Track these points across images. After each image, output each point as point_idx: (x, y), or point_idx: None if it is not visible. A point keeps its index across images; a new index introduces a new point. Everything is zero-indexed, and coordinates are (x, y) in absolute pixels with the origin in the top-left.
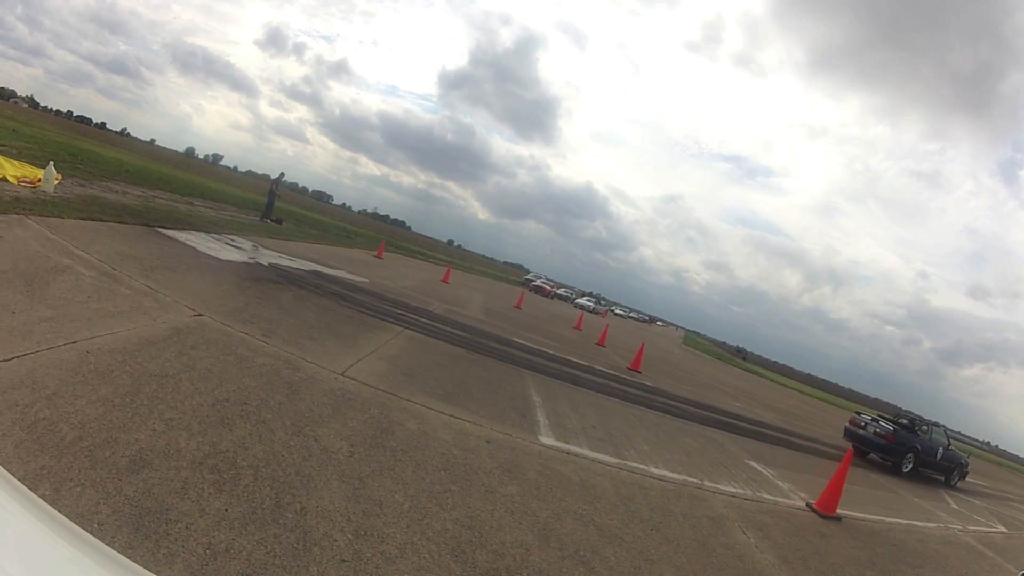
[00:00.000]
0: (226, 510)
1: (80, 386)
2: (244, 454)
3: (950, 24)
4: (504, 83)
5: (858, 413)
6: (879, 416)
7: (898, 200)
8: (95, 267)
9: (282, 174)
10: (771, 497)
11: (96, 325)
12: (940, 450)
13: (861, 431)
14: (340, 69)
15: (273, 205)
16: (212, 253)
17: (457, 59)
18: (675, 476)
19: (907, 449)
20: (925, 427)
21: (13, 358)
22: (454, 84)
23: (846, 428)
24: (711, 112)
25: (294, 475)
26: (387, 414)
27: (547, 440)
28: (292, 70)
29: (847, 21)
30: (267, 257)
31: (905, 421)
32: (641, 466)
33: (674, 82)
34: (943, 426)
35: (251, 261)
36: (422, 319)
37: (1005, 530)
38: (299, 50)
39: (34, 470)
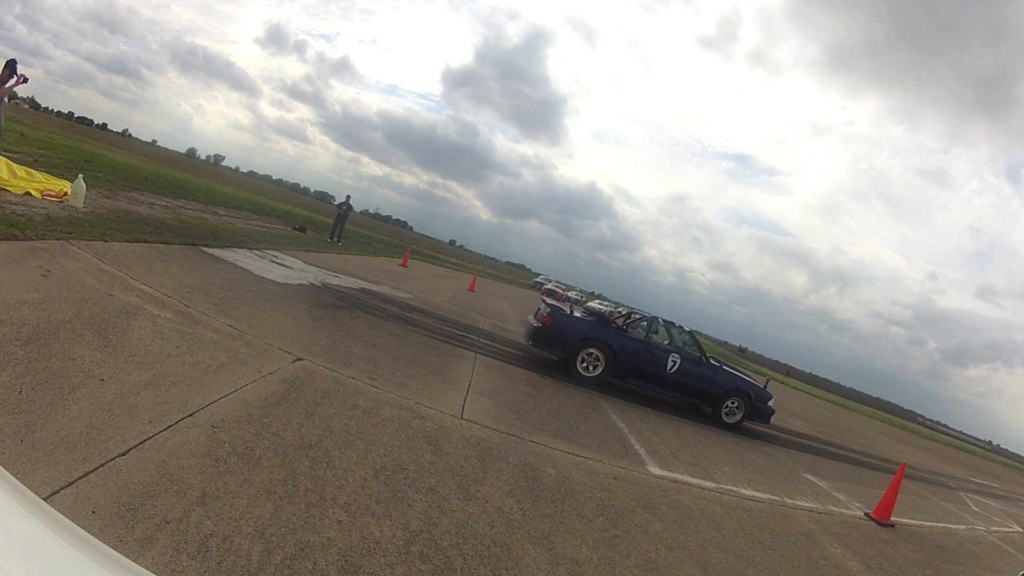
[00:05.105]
0: None
1: (230, 478)
2: (438, 532)
3: (970, 26)
4: (510, 81)
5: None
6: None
7: (902, 199)
8: (167, 305)
9: (348, 197)
10: (836, 509)
11: (204, 387)
12: (673, 359)
13: (531, 319)
14: (341, 68)
15: (338, 226)
16: (265, 275)
17: (462, 57)
18: (762, 496)
19: (580, 342)
20: (644, 322)
21: (131, 449)
22: (458, 82)
23: (528, 321)
24: (719, 111)
25: (492, 545)
26: (525, 460)
27: (655, 470)
28: (293, 69)
29: (865, 19)
30: (314, 275)
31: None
32: (734, 488)
33: (684, 80)
34: (687, 330)
35: (304, 282)
36: (482, 339)
37: (1021, 530)
38: (300, 48)
39: None
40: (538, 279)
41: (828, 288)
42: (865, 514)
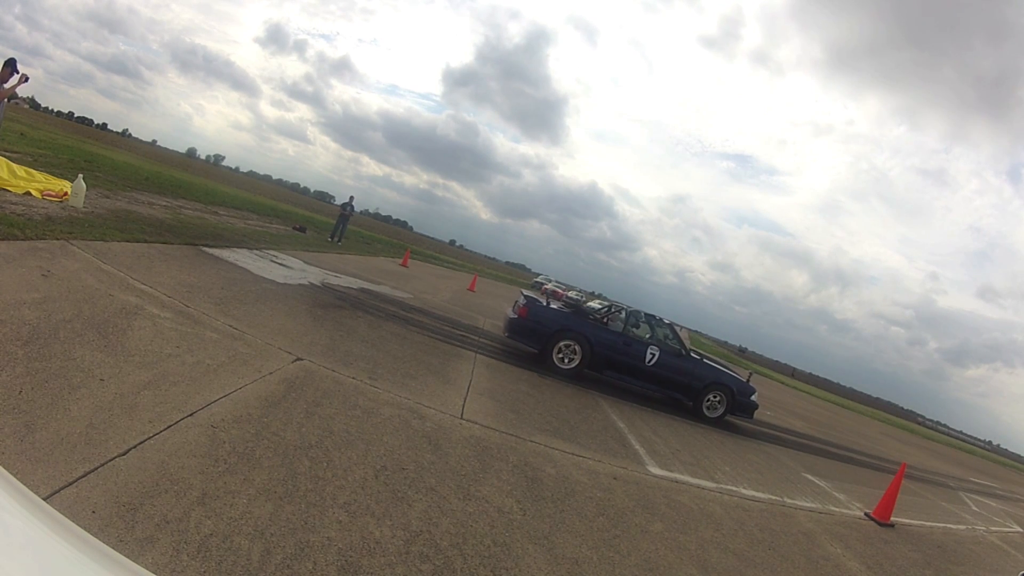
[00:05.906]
0: None
1: (229, 478)
2: (438, 532)
3: (972, 27)
4: (511, 81)
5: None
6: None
7: (903, 199)
8: (167, 305)
9: (352, 197)
10: (836, 509)
11: (203, 386)
12: (651, 352)
13: (508, 312)
14: (341, 67)
15: (340, 226)
16: (265, 275)
17: (462, 56)
18: (762, 496)
19: (556, 333)
20: (623, 315)
21: (131, 449)
22: (459, 82)
23: (505, 314)
24: (721, 111)
25: (492, 545)
26: (525, 460)
27: (655, 470)
28: (293, 69)
29: (868, 19)
30: (314, 275)
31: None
32: (734, 488)
33: (686, 80)
34: (667, 323)
35: (304, 282)
36: (481, 339)
37: (1021, 529)
38: (300, 48)
39: None
40: (538, 279)
41: (829, 288)
42: (865, 514)
